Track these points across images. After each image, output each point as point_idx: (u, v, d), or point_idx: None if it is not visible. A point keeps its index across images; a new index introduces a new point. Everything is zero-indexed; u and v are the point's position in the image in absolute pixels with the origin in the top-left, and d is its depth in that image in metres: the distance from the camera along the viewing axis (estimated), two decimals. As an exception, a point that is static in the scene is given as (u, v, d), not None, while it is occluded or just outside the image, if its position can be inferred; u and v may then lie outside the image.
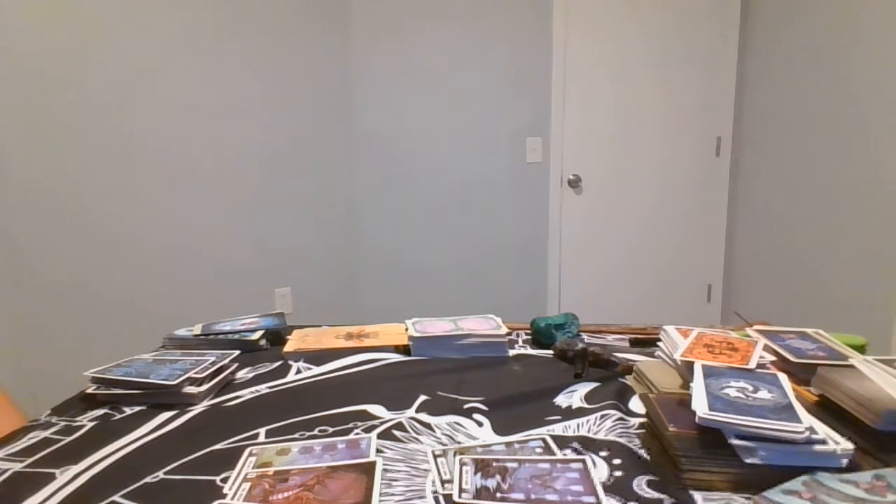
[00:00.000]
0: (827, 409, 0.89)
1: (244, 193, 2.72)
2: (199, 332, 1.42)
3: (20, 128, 2.06)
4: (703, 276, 3.14)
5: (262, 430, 0.96)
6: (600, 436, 0.92)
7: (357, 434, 0.94)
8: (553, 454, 0.85)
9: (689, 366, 0.95)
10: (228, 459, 0.86)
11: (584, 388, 1.11)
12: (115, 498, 0.77)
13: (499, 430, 0.95)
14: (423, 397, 1.08)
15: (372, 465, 0.82)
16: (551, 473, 0.78)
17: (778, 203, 2.65)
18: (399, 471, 0.83)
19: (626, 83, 3.00)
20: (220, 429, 0.97)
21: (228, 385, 1.16)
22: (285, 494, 0.75)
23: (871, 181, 2.08)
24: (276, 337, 1.44)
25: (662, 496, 0.74)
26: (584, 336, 1.44)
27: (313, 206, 3.01)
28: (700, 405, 0.79)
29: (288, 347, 1.36)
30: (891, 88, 1.98)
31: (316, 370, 1.23)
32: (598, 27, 2.96)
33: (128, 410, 1.05)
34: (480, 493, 0.74)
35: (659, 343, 1.17)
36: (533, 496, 0.73)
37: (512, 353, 1.33)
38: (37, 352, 2.15)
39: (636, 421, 0.96)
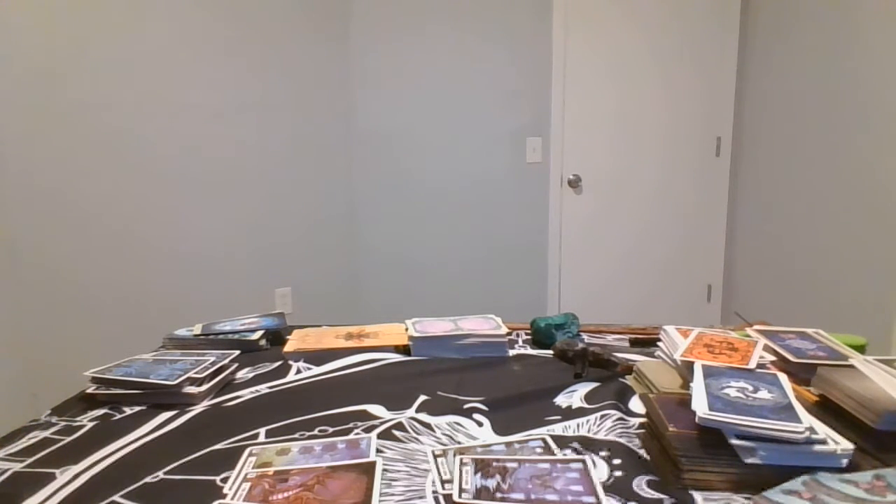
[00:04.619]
0: (827, 409, 0.89)
1: (244, 193, 2.72)
2: (199, 332, 1.42)
3: (20, 128, 2.06)
4: (703, 276, 3.14)
5: (262, 430, 0.96)
6: (600, 436, 0.92)
7: (357, 434, 0.94)
8: (553, 454, 0.85)
9: (689, 366, 0.95)
10: (228, 459, 0.86)
11: (584, 388, 1.11)
12: (115, 498, 0.77)
13: (499, 430, 0.95)
14: (423, 397, 1.08)
15: (372, 465, 0.82)
16: (551, 473, 0.78)
17: (778, 203, 2.65)
18: (399, 471, 0.83)
19: (626, 83, 2.99)
20: (220, 429, 0.97)
21: (228, 385, 1.16)
22: (285, 494, 0.75)
23: (871, 181, 2.08)
24: (276, 337, 1.44)
25: (662, 496, 0.74)
26: (584, 336, 1.44)
27: (313, 207, 3.00)
28: (700, 405, 0.79)
29: (288, 347, 1.36)
30: (891, 88, 1.98)
31: (316, 370, 1.23)
32: (598, 27, 2.96)
33: (128, 410, 1.05)
34: (480, 493, 0.74)
35: (659, 343, 1.17)
36: (533, 496, 0.73)
37: (512, 353, 1.33)
38: (37, 351, 2.15)
39: (636, 421, 0.96)
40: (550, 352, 1.32)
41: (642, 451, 0.86)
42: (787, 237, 2.59)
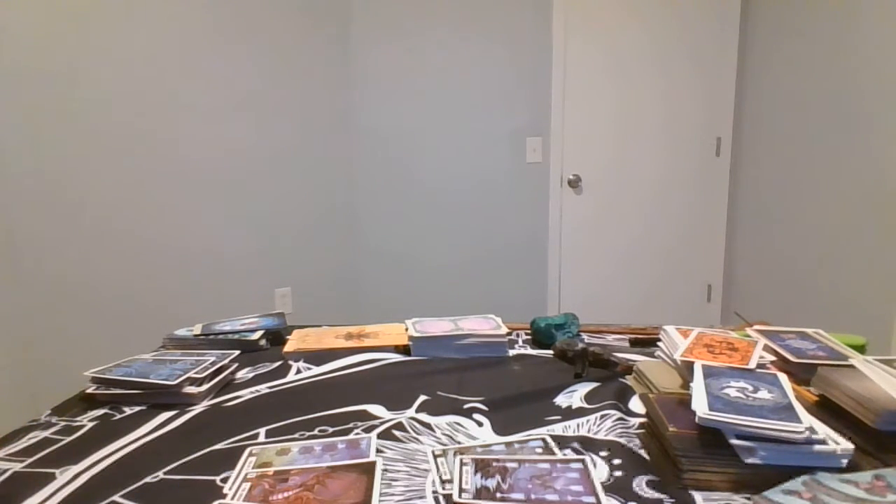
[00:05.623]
0: (827, 409, 0.89)
1: (244, 193, 2.72)
2: (199, 332, 1.42)
3: (20, 126, 2.06)
4: (703, 276, 3.14)
5: (262, 430, 0.96)
6: (600, 436, 0.92)
7: (357, 434, 0.94)
8: (553, 454, 0.85)
9: (689, 366, 0.95)
10: (228, 459, 0.86)
11: (584, 388, 1.11)
12: (115, 498, 0.77)
13: (499, 430, 0.95)
14: (423, 397, 1.08)
15: (372, 465, 0.82)
16: (551, 473, 0.78)
17: (778, 203, 2.65)
18: (399, 471, 0.83)
19: (626, 83, 2.99)
20: (220, 429, 0.97)
21: (228, 385, 1.16)
22: (285, 494, 0.75)
23: (871, 181, 2.08)
24: (276, 337, 1.44)
25: (662, 496, 0.74)
26: (584, 336, 1.44)
27: (313, 206, 3.01)
28: (700, 405, 0.79)
29: (288, 347, 1.36)
30: (891, 88, 1.98)
31: (316, 370, 1.23)
32: (598, 27, 2.96)
33: (128, 410, 1.05)
34: (480, 493, 0.74)
35: (659, 343, 1.17)
36: (533, 496, 0.73)
37: (512, 353, 1.33)
38: (37, 352, 2.15)
39: (636, 421, 0.96)
40: (550, 352, 1.32)
41: (642, 451, 0.86)
42: (787, 237, 2.59)
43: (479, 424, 0.97)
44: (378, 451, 0.88)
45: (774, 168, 2.68)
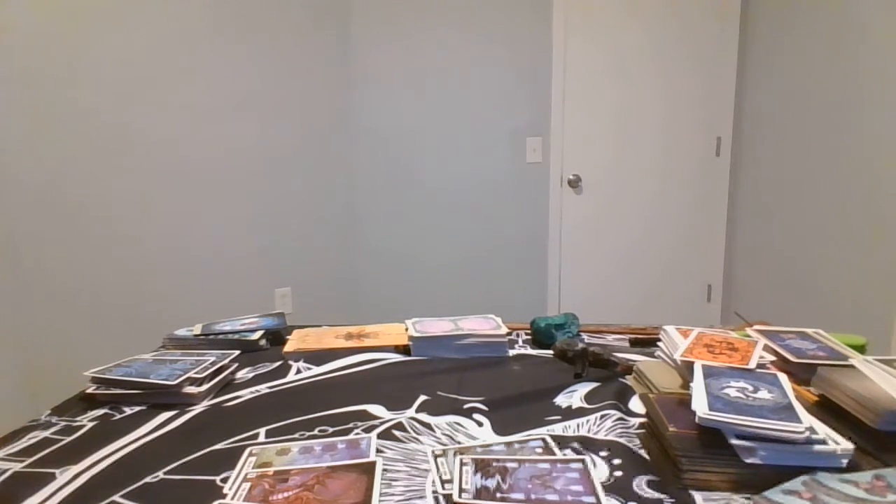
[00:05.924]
0: (827, 409, 0.89)
1: (244, 193, 2.72)
2: (199, 332, 1.42)
3: (21, 127, 2.06)
4: (703, 276, 3.14)
5: (262, 430, 0.96)
6: (600, 436, 0.92)
7: (357, 434, 0.94)
8: (553, 454, 0.85)
9: (689, 366, 0.95)
10: (228, 459, 0.86)
11: (584, 388, 1.11)
12: (115, 498, 0.77)
13: (499, 430, 0.95)
14: (423, 397, 1.08)
15: (372, 465, 0.82)
16: (551, 473, 0.78)
17: (778, 203, 2.65)
18: (399, 471, 0.83)
19: (626, 83, 2.99)
20: (220, 429, 0.97)
21: (228, 385, 1.16)
22: (285, 494, 0.75)
23: (871, 181, 2.08)
24: (276, 337, 1.44)
25: (662, 496, 0.74)
26: (584, 336, 1.44)
27: (313, 206, 3.00)
28: (700, 405, 0.79)
29: (288, 347, 1.36)
30: (891, 89, 1.98)
31: (316, 370, 1.23)
32: (598, 27, 2.96)
33: (128, 410, 1.05)
34: (480, 493, 0.74)
35: (659, 343, 1.17)
36: (533, 496, 0.73)
37: (512, 353, 1.33)
38: (37, 352, 2.15)
39: (636, 421, 0.96)
40: (550, 352, 1.32)
41: (642, 451, 0.86)
42: (787, 237, 2.59)
43: (479, 424, 0.97)
44: (378, 451, 0.88)
45: (774, 168, 2.68)
